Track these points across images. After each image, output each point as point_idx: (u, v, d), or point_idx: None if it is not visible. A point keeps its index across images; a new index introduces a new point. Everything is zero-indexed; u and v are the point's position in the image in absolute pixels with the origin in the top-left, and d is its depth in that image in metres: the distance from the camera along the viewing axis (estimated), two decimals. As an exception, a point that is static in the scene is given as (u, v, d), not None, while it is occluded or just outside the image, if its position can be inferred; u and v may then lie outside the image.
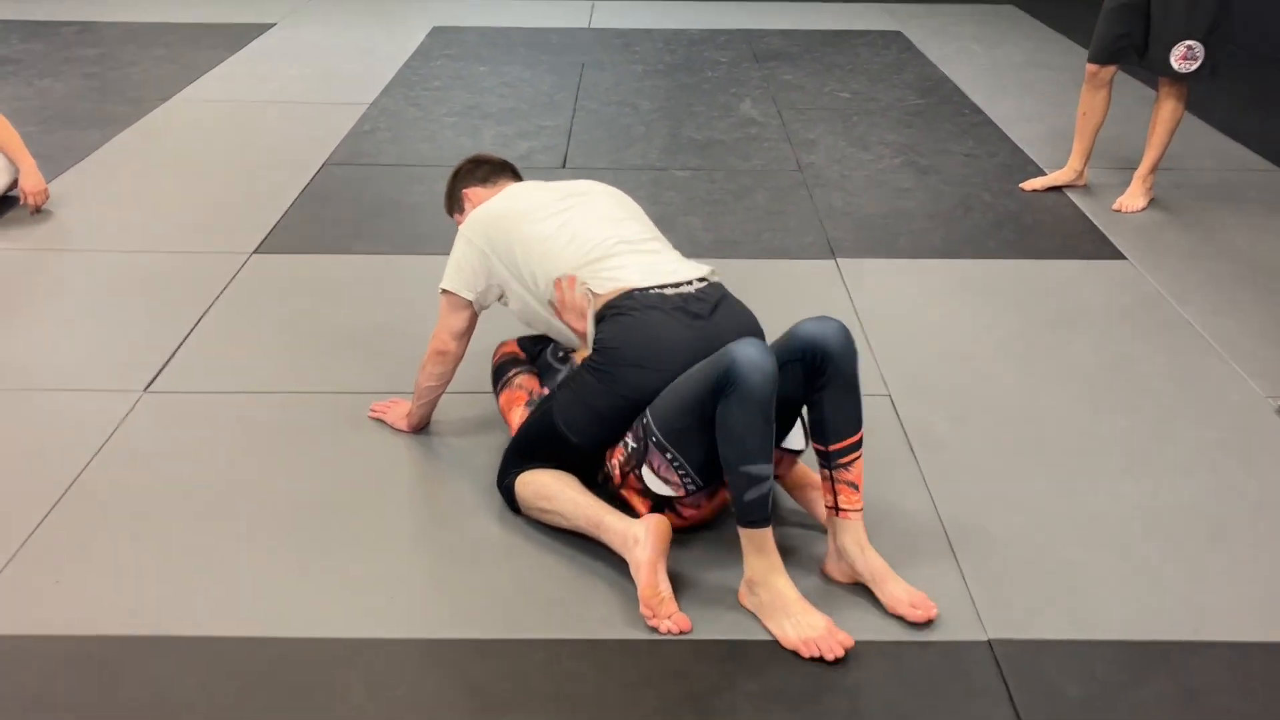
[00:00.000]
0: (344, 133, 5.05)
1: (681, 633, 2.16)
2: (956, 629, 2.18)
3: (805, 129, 5.19)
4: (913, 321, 3.38)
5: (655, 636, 2.15)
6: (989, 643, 2.15)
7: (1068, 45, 6.89)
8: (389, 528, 2.46)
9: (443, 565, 2.35)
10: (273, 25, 7.08)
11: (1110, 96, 4.24)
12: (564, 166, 4.70)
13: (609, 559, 2.34)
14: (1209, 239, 4.01)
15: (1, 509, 2.49)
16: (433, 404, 2.78)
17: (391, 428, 2.82)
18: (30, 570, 2.31)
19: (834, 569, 2.33)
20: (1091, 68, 4.18)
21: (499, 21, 7.34)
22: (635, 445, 2.33)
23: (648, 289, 2.40)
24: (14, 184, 4.09)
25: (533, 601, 2.24)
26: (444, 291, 2.65)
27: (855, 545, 2.27)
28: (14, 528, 2.42)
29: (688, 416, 2.22)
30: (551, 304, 2.53)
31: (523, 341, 2.83)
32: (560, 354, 2.70)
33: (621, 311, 2.38)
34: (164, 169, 4.62)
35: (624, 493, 2.41)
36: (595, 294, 2.43)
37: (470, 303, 2.63)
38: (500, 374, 2.79)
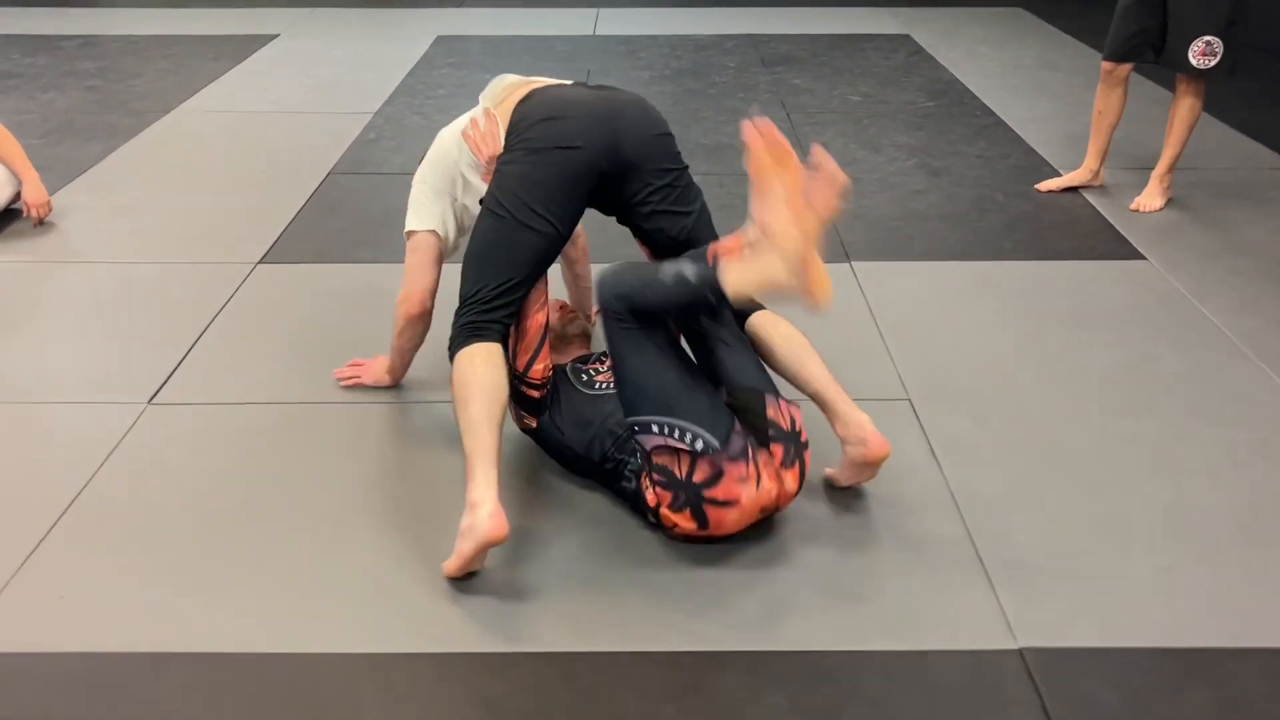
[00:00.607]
0: (348, 142, 5.00)
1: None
2: (986, 637, 2.12)
3: (816, 132, 5.13)
4: (930, 325, 3.31)
5: (675, 649, 2.09)
6: (1020, 651, 2.08)
7: (1077, 46, 6.83)
8: (399, 540, 2.40)
9: (457, 578, 2.29)
10: (275, 36, 7.05)
11: (1126, 95, 4.18)
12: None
13: (623, 568, 2.29)
14: (1229, 237, 3.95)
15: (4, 524, 2.43)
16: (413, 355, 2.92)
17: (373, 387, 2.96)
18: (34, 586, 2.25)
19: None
20: (1107, 66, 4.12)
21: (503, 30, 7.31)
22: (637, 459, 2.31)
23: (547, 86, 2.59)
24: (17, 196, 4.05)
25: (547, 614, 2.18)
26: (409, 235, 2.76)
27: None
28: (17, 542, 2.37)
29: (625, 386, 2.30)
30: (475, 169, 2.65)
31: None
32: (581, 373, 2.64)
33: (525, 101, 2.52)
34: (167, 180, 4.58)
35: (703, 508, 2.25)
36: (498, 108, 2.57)
37: (437, 238, 2.72)
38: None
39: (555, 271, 2.98)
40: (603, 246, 3.31)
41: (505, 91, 2.64)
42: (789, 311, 2.52)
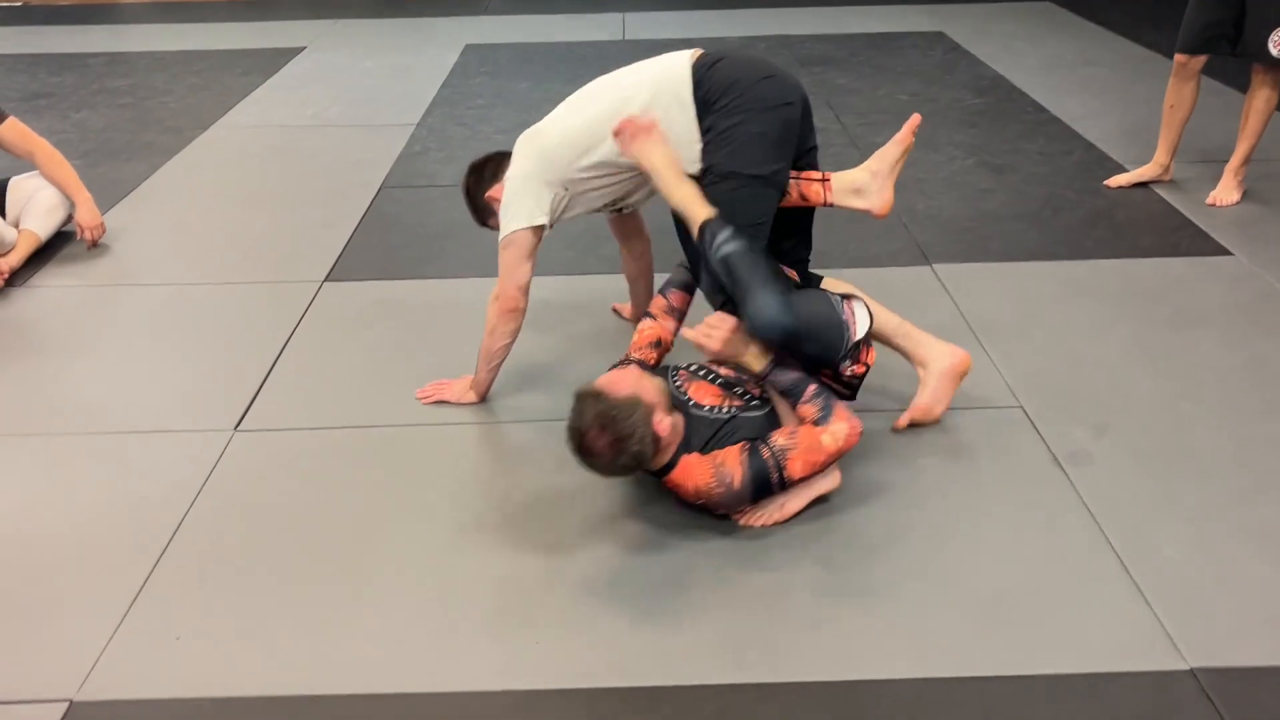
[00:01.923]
0: (395, 155, 4.90)
1: None
2: (1154, 658, 2.02)
3: (869, 133, 5.04)
4: (1027, 328, 3.22)
5: (829, 678, 1.99)
6: (1193, 672, 1.99)
7: (1115, 40, 6.75)
8: (520, 567, 2.30)
9: (587, 605, 2.19)
10: (303, 49, 6.95)
11: (1199, 88, 4.09)
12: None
13: (763, 595, 2.19)
14: (1312, 230, 3.86)
15: (108, 561, 2.33)
16: (500, 367, 2.86)
17: (456, 404, 2.88)
18: (147, 626, 2.15)
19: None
20: (1181, 58, 4.03)
21: (531, 38, 7.21)
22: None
23: (699, 58, 2.64)
24: (69, 219, 3.95)
25: (693, 643, 2.08)
26: (513, 233, 2.70)
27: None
28: (124, 581, 2.27)
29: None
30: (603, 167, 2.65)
31: None
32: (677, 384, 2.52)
33: (707, 67, 2.59)
34: (216, 198, 4.48)
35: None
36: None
37: (541, 229, 2.72)
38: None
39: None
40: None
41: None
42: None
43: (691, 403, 2.43)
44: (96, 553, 2.36)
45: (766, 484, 2.32)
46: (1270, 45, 3.79)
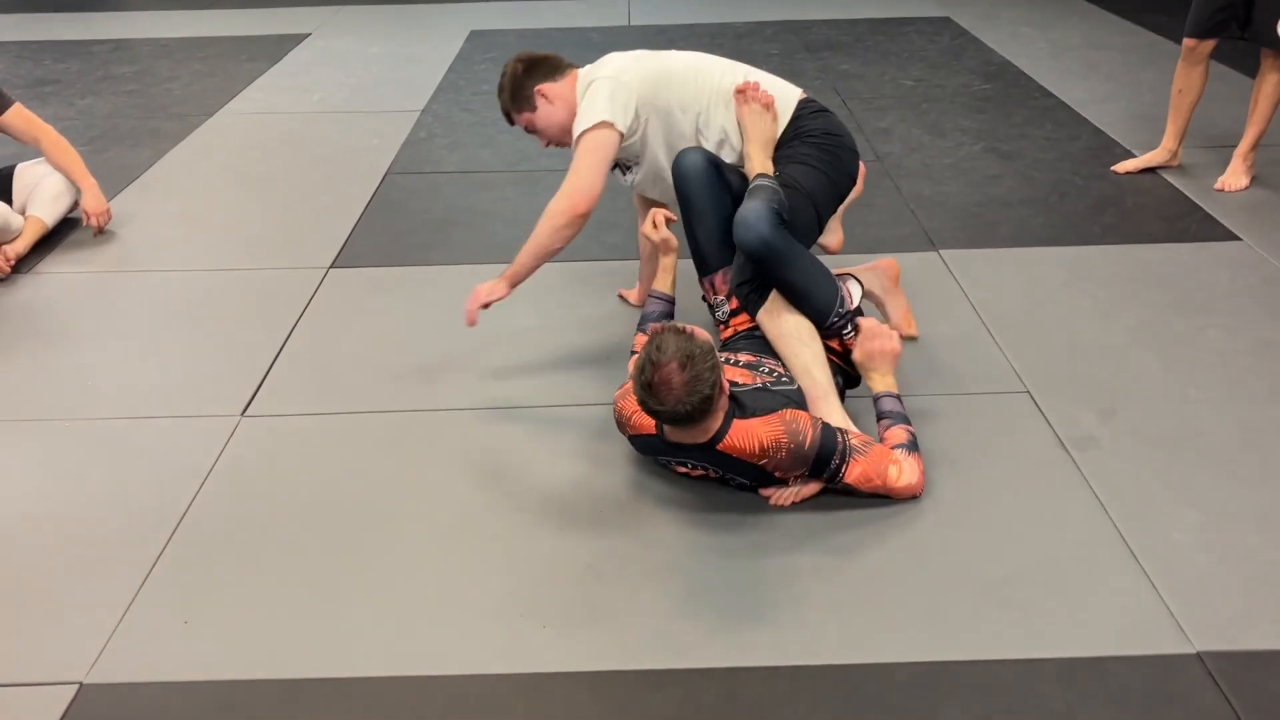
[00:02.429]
0: (400, 141, 4.90)
1: None
2: (1160, 641, 2.03)
3: (875, 118, 5.02)
4: (1035, 313, 3.21)
5: (835, 661, 1.99)
6: (1199, 655, 1.98)
7: (1123, 25, 6.72)
8: (529, 550, 2.31)
9: (594, 590, 2.19)
10: (307, 35, 6.94)
11: (1207, 73, 4.07)
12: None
13: (768, 579, 2.19)
14: (1321, 215, 3.84)
15: (116, 545, 2.34)
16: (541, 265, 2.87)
17: (489, 302, 2.84)
18: (156, 610, 2.16)
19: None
20: (1189, 42, 4.01)
21: (536, 23, 7.20)
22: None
23: (810, 98, 2.91)
24: (75, 205, 3.95)
25: (697, 628, 2.09)
26: (596, 126, 2.71)
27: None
28: (132, 565, 2.28)
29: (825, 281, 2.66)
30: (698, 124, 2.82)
31: None
32: None
33: (813, 110, 2.87)
34: (222, 184, 4.48)
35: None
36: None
37: (621, 137, 2.75)
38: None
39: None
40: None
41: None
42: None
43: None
44: (105, 537, 2.37)
45: (827, 463, 2.33)
46: None
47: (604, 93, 2.75)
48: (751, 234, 2.50)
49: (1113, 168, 4.31)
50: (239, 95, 5.68)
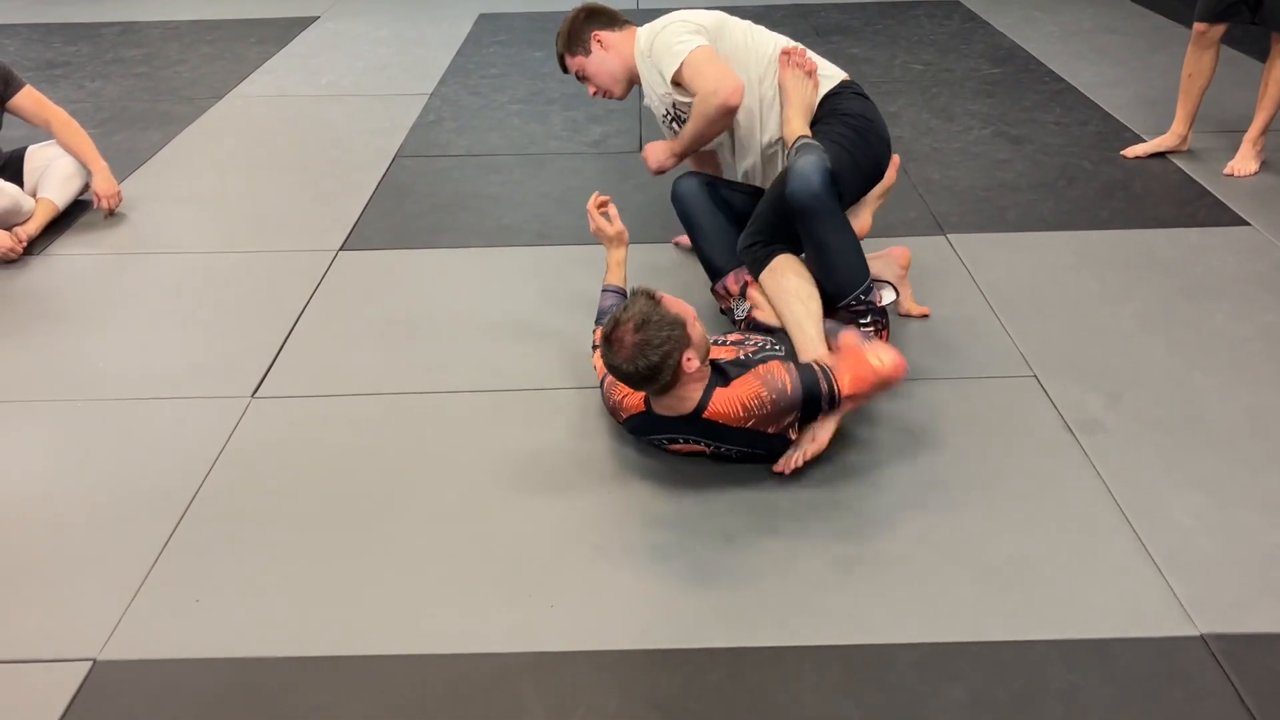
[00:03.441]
0: (409, 124, 4.90)
1: None
2: (1164, 623, 2.04)
3: (884, 102, 4.98)
4: (1042, 297, 3.21)
5: (839, 642, 2.01)
6: (1203, 638, 2.00)
7: (1133, 8, 6.68)
8: (539, 531, 2.32)
9: (600, 569, 2.21)
10: (316, 18, 6.94)
11: (1218, 57, 4.05)
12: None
13: (772, 559, 2.21)
14: (1331, 201, 3.83)
15: (128, 524, 2.36)
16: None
17: (660, 170, 3.08)
18: (167, 589, 2.19)
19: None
20: (1200, 27, 3.99)
21: (544, 6, 7.17)
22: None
23: (853, 81, 3.02)
24: (86, 187, 3.97)
25: (703, 608, 2.10)
26: (693, 51, 2.80)
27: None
28: (144, 544, 2.30)
29: (851, 253, 2.73)
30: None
31: None
32: None
33: (854, 92, 2.97)
34: (231, 167, 4.49)
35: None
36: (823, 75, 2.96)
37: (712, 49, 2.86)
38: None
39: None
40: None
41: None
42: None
43: (714, 361, 2.47)
44: (117, 517, 2.39)
45: (817, 392, 2.36)
46: (1291, 13, 3.75)
47: (682, 29, 2.88)
48: (805, 186, 2.57)
49: (1122, 152, 4.30)
50: (248, 78, 5.69)
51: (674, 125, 3.06)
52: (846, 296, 2.63)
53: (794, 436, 2.40)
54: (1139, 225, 3.69)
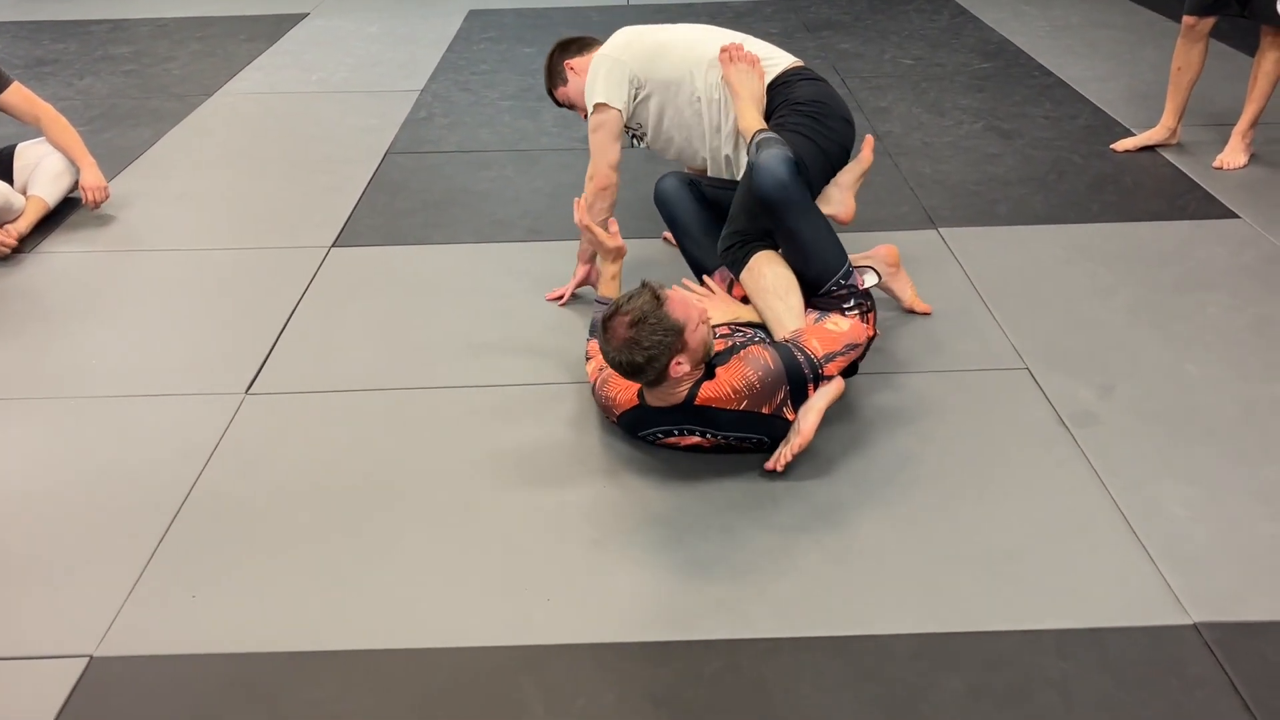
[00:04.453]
0: (400, 121, 4.90)
1: None
2: (1157, 612, 2.05)
3: (875, 97, 5.03)
4: (1034, 291, 3.23)
5: (834, 634, 2.01)
6: (1195, 626, 2.01)
7: (1122, 3, 6.69)
8: (530, 524, 2.33)
9: (596, 562, 2.22)
10: (305, 15, 6.92)
11: (1207, 50, 4.07)
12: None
13: (767, 551, 2.22)
14: (1319, 193, 3.85)
15: (124, 521, 2.36)
16: None
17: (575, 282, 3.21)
18: (163, 586, 2.18)
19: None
20: (1189, 20, 4.01)
21: (534, 2, 7.17)
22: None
23: (803, 66, 3.03)
24: (76, 184, 3.96)
25: (699, 600, 2.11)
26: (595, 107, 2.99)
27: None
28: (140, 540, 2.30)
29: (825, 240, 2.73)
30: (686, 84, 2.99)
31: None
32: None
33: (804, 78, 2.97)
34: (222, 164, 4.48)
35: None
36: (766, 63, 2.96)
37: (620, 113, 3.00)
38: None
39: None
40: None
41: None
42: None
43: None
44: (112, 513, 2.39)
45: (795, 361, 2.40)
46: (1279, 6, 3.77)
47: (600, 73, 3.03)
48: (771, 179, 2.60)
49: (1112, 146, 4.32)
50: (238, 75, 5.67)
51: (634, 142, 3.25)
52: (827, 282, 2.65)
53: (791, 416, 2.42)
54: (1129, 218, 3.71)
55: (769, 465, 2.42)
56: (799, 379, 2.40)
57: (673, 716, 1.87)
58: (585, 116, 3.15)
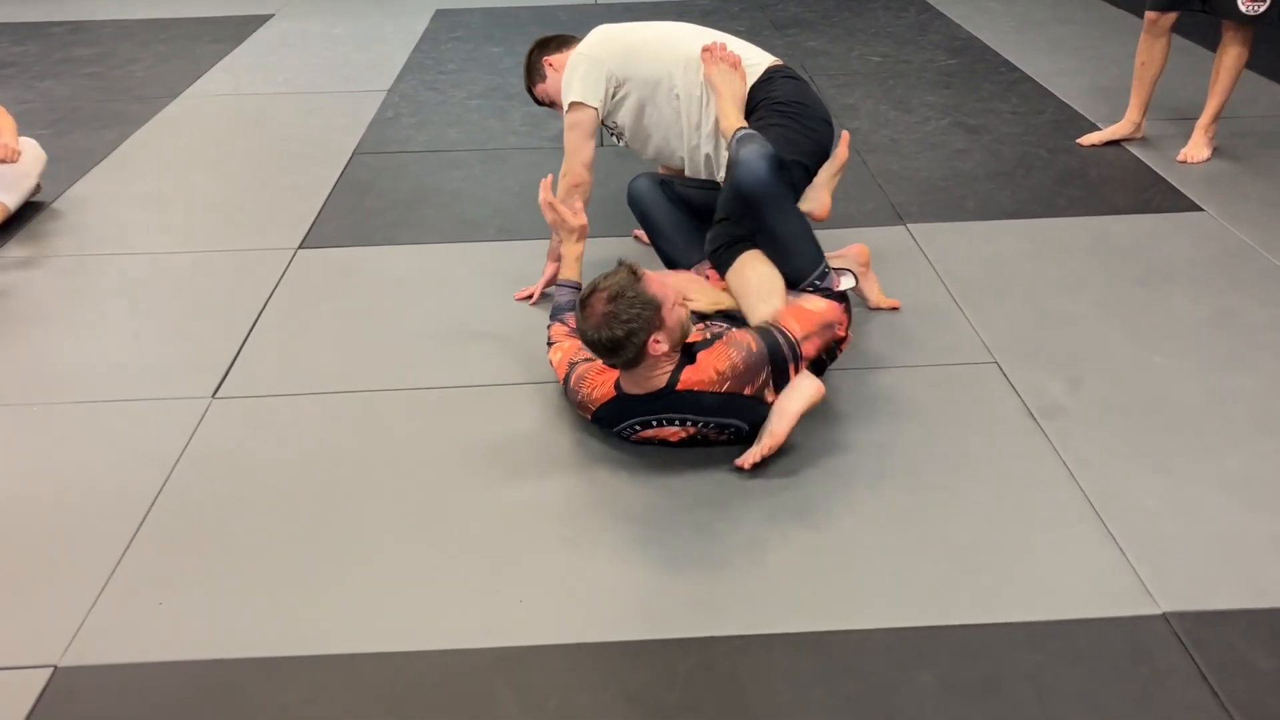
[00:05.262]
0: (367, 121, 4.86)
1: None
2: (1126, 603, 2.06)
3: (842, 94, 5.04)
4: (1001, 285, 3.24)
5: (808, 629, 2.01)
6: (1164, 616, 2.02)
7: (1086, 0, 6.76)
8: (501, 525, 2.31)
9: (569, 563, 2.21)
10: (271, 16, 6.87)
11: (1169, 45, 4.11)
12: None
13: (740, 548, 2.22)
14: (1281, 185, 3.90)
15: (89, 528, 2.33)
16: None
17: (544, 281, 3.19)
18: (129, 593, 2.15)
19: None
20: (1151, 15, 4.04)
21: (501, 2, 7.14)
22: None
23: (783, 65, 3.06)
24: (38, 188, 3.91)
25: (671, 598, 2.11)
26: (571, 105, 3.00)
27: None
28: (106, 547, 2.27)
29: (804, 241, 2.75)
30: (671, 84, 2.99)
31: None
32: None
33: (784, 76, 3.00)
34: (187, 166, 4.43)
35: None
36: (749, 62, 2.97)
37: (596, 111, 3.00)
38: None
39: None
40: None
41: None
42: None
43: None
44: (77, 520, 2.36)
45: (776, 344, 2.43)
46: (1239, 2, 3.80)
47: (577, 72, 3.03)
48: (751, 175, 2.62)
49: (1077, 140, 4.35)
50: (203, 77, 5.62)
51: (614, 139, 3.27)
52: (803, 281, 2.66)
53: (771, 398, 2.43)
54: (1096, 212, 3.73)
55: (739, 462, 2.42)
56: (780, 360, 2.43)
57: (647, 716, 1.86)
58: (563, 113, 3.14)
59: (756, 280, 2.66)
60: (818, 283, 2.65)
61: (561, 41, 3.23)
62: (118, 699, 1.93)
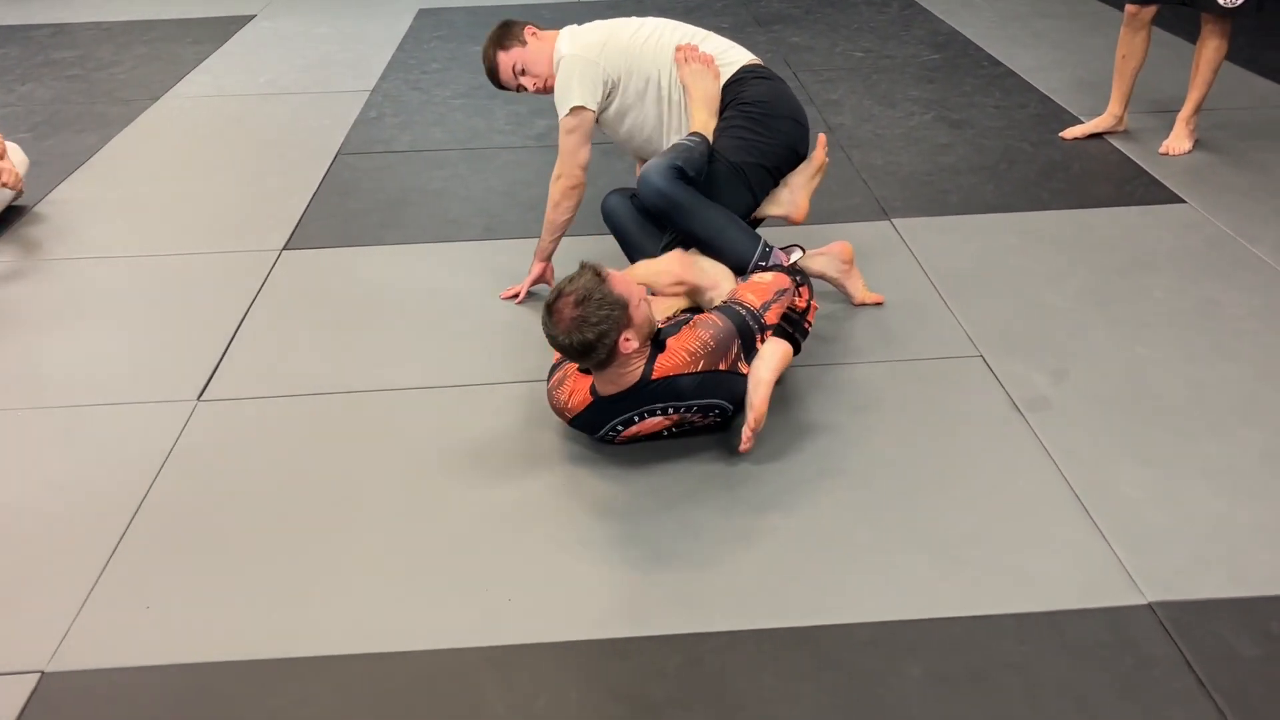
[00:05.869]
0: (350, 121, 4.85)
1: None
2: (1112, 593, 2.08)
3: (826, 90, 5.05)
4: (985, 278, 3.26)
5: (795, 624, 2.02)
6: (1150, 606, 2.04)
7: (1068, -7, 6.77)
8: (488, 524, 2.32)
9: (556, 560, 2.21)
10: (253, 17, 6.84)
11: (1150, 38, 4.13)
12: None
13: (726, 544, 2.22)
14: (1264, 176, 3.91)
15: (75, 532, 2.32)
16: (561, 238, 3.15)
17: (533, 284, 3.21)
18: (117, 596, 2.15)
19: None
20: (1131, 8, 4.06)
21: (485, 1, 7.13)
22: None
23: (759, 64, 3.05)
24: (20, 193, 3.89)
25: (656, 595, 2.11)
26: (572, 110, 2.96)
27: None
28: (92, 552, 2.26)
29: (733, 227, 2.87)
30: (657, 84, 3.00)
31: None
32: None
33: (757, 76, 3.00)
34: (170, 168, 4.42)
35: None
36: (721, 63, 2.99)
37: (594, 115, 2.99)
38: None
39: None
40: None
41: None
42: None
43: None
44: (63, 525, 2.35)
45: (741, 317, 2.49)
46: (1219, -6, 3.82)
47: (575, 74, 2.98)
48: (648, 188, 2.75)
49: (1060, 134, 4.37)
50: (185, 78, 5.60)
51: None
52: (747, 266, 2.74)
53: (745, 370, 2.47)
54: (1078, 205, 3.75)
55: (741, 449, 2.45)
56: (748, 331, 2.48)
57: (635, 713, 1.86)
58: (535, 88, 3.11)
59: (710, 266, 2.76)
60: (763, 264, 2.73)
61: (519, 29, 3.11)
62: (106, 704, 1.92)
